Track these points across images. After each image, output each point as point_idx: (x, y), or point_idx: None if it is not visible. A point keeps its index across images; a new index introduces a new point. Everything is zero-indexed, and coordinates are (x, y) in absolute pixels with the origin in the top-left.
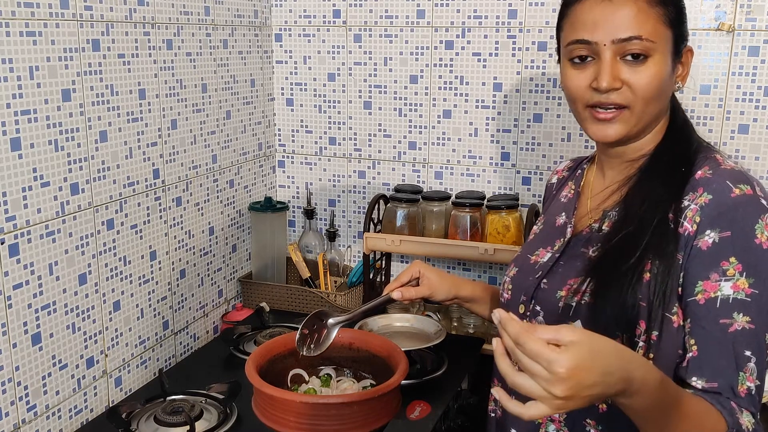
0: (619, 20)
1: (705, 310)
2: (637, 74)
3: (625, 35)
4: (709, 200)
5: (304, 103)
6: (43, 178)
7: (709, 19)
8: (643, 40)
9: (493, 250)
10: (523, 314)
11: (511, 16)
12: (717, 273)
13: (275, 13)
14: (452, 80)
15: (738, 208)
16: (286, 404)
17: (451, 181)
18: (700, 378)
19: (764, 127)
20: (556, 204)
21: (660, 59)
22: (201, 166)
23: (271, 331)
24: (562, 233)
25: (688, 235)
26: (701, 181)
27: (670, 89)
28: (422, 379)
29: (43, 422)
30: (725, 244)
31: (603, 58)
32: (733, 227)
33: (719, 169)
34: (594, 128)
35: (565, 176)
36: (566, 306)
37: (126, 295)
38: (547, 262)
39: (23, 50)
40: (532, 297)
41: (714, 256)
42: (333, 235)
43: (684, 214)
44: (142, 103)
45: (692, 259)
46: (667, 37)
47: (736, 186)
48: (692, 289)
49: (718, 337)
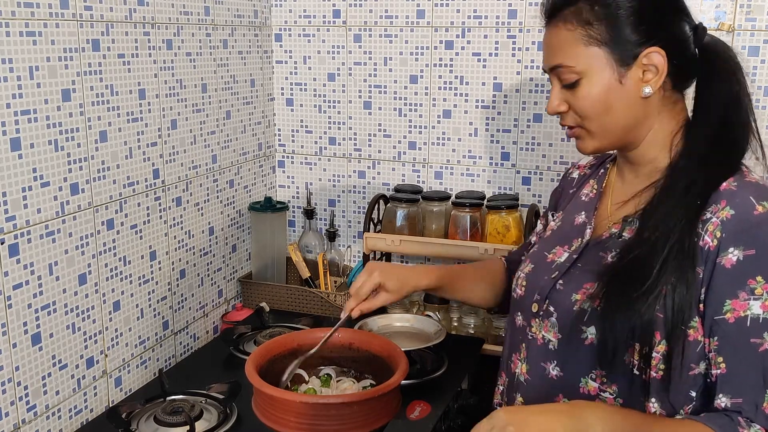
0: (547, 49)
1: (736, 329)
2: (574, 97)
3: (550, 64)
4: (732, 216)
5: (304, 103)
6: (43, 178)
7: (709, 19)
8: (563, 67)
9: (493, 250)
10: (536, 313)
11: (511, 16)
12: (745, 292)
13: (275, 13)
14: (452, 80)
15: (761, 226)
16: (286, 404)
17: (451, 181)
18: (726, 395)
19: (764, 128)
20: (576, 202)
21: (593, 79)
22: (201, 166)
23: (271, 331)
24: (580, 233)
25: (709, 250)
26: (725, 194)
27: (627, 99)
28: (422, 379)
29: (43, 422)
30: (751, 263)
31: (552, 84)
32: (757, 245)
33: (744, 181)
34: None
35: (587, 174)
36: (581, 311)
37: (126, 295)
38: (564, 262)
39: (23, 50)
40: (547, 297)
41: (740, 275)
42: (333, 235)
43: (705, 227)
44: (142, 103)
45: (717, 277)
46: (594, 55)
47: (760, 203)
48: (720, 307)
49: (748, 356)
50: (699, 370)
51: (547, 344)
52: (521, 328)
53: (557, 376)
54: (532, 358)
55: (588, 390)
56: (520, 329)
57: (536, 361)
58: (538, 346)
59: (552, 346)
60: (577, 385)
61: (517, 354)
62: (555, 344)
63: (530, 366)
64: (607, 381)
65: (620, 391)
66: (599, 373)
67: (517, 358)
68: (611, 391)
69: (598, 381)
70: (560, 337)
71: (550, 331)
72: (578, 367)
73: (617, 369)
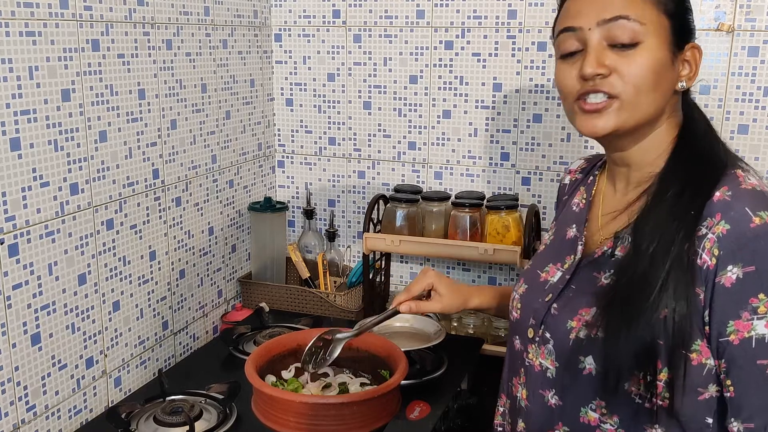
0: (605, 1)
1: (741, 350)
2: (626, 60)
3: (610, 15)
4: (728, 231)
5: (303, 103)
6: (42, 178)
7: (709, 20)
8: (630, 20)
9: (492, 250)
10: (532, 339)
11: (511, 16)
12: (747, 312)
13: (275, 14)
14: (452, 80)
15: (759, 239)
16: (285, 404)
17: (451, 181)
18: (737, 419)
19: (764, 128)
20: (567, 212)
21: (653, 45)
22: (201, 167)
23: (270, 332)
24: (572, 249)
25: (707, 269)
26: (719, 205)
27: (669, 84)
28: (422, 379)
29: (43, 422)
30: (751, 280)
31: (589, 43)
32: (756, 261)
33: (739, 190)
34: (582, 120)
35: (578, 179)
36: (577, 339)
37: (125, 295)
38: (557, 283)
39: (23, 50)
40: (542, 322)
41: (741, 294)
42: (332, 235)
43: (702, 244)
44: (141, 103)
45: (717, 297)
46: (661, 23)
47: (756, 214)
48: (724, 329)
49: (757, 377)
50: (710, 393)
51: (545, 372)
52: (519, 352)
53: (556, 405)
54: (531, 384)
55: (588, 420)
56: (518, 353)
57: (535, 388)
58: (536, 372)
59: (550, 374)
60: (577, 415)
61: (517, 378)
62: (553, 372)
63: (529, 392)
64: (608, 412)
65: (621, 422)
66: (599, 404)
67: (518, 383)
68: (612, 422)
69: (598, 412)
70: (557, 365)
71: (548, 358)
72: (577, 397)
73: (619, 399)
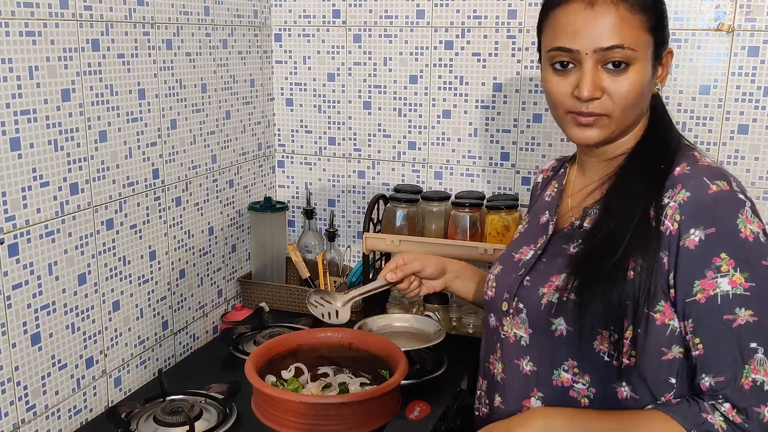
0: (601, 28)
1: (707, 308)
2: (617, 83)
3: (606, 44)
4: (688, 197)
5: (303, 103)
6: (42, 178)
7: (709, 20)
8: (624, 48)
9: (492, 250)
10: (506, 311)
11: (511, 16)
12: (711, 270)
13: (275, 13)
14: (452, 80)
15: (717, 204)
16: (285, 404)
17: (451, 181)
18: (708, 374)
19: (764, 127)
20: (540, 203)
21: (640, 67)
22: (200, 166)
23: (270, 331)
24: (544, 231)
25: (671, 234)
26: (679, 178)
27: (649, 93)
28: (422, 379)
29: (43, 422)
30: (713, 241)
31: (584, 67)
32: (716, 224)
33: (697, 165)
34: (574, 131)
35: (550, 175)
36: (549, 303)
37: (125, 295)
38: (530, 259)
39: (23, 50)
40: (515, 295)
41: (704, 254)
42: (332, 235)
43: (664, 212)
44: (141, 103)
45: (682, 259)
46: (648, 43)
47: (713, 182)
48: (690, 289)
49: (724, 332)
50: (673, 354)
51: (519, 341)
52: (495, 329)
53: (531, 371)
54: (506, 356)
55: (561, 382)
56: (494, 330)
57: (510, 359)
58: (510, 343)
59: (524, 342)
60: (550, 378)
61: (494, 355)
62: (527, 340)
63: (505, 364)
64: (579, 371)
65: (593, 381)
66: (571, 364)
67: (494, 359)
68: (584, 381)
69: (570, 372)
70: (531, 332)
71: (521, 327)
72: (550, 360)
73: (590, 357)
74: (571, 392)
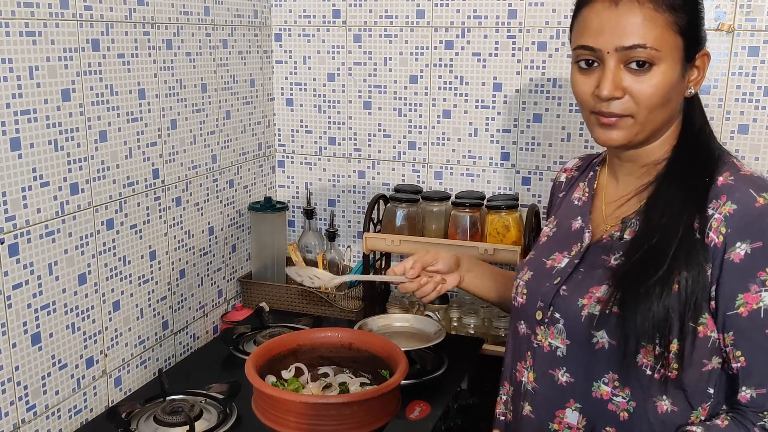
0: (624, 27)
1: (749, 321)
2: (640, 83)
3: (628, 43)
4: (734, 210)
5: (303, 103)
6: (42, 178)
7: (709, 20)
8: (647, 48)
9: (492, 250)
10: (541, 321)
11: (511, 16)
12: (756, 284)
13: (275, 13)
14: (452, 80)
15: (765, 217)
16: (285, 404)
17: (451, 181)
18: (750, 386)
19: (764, 127)
20: (568, 206)
21: (666, 68)
22: (201, 166)
23: (270, 331)
24: (579, 238)
25: (716, 247)
26: (723, 188)
27: (678, 95)
28: (422, 379)
29: (43, 422)
30: (759, 255)
31: (606, 65)
32: (763, 237)
33: (739, 174)
34: (599, 132)
35: (575, 176)
36: (590, 315)
37: (126, 295)
38: (566, 267)
39: (23, 50)
40: (551, 304)
41: (750, 268)
42: (333, 235)
43: (709, 224)
44: (141, 103)
45: (726, 273)
46: (675, 44)
47: (760, 195)
48: (732, 303)
49: (765, 345)
50: (712, 365)
51: (555, 351)
52: (525, 337)
53: (567, 382)
54: (539, 365)
55: (600, 394)
56: (524, 338)
57: (544, 369)
58: (545, 353)
59: (560, 353)
60: (589, 389)
61: (522, 362)
62: (564, 351)
63: (537, 374)
64: (620, 384)
65: (632, 394)
66: (611, 377)
67: (523, 367)
68: (624, 395)
69: (610, 385)
70: (569, 343)
71: (557, 338)
72: (590, 372)
73: (631, 371)
74: (610, 405)
